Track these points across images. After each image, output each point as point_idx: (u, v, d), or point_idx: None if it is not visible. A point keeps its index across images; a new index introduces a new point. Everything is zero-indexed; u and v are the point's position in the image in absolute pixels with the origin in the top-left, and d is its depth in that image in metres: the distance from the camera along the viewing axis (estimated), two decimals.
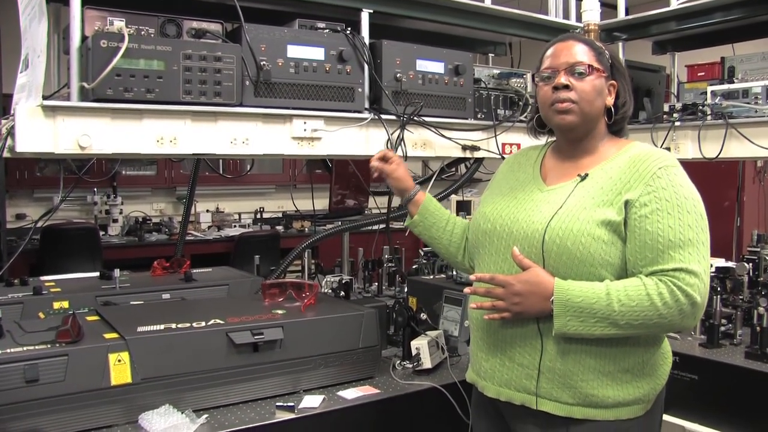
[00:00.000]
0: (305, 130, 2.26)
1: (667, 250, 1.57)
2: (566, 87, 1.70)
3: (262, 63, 2.13)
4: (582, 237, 1.60)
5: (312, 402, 1.93)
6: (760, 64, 2.92)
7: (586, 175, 1.71)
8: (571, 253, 1.61)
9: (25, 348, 1.68)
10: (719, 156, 2.72)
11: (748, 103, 2.68)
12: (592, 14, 2.99)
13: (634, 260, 1.61)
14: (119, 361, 1.75)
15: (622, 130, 1.83)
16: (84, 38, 1.92)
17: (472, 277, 1.73)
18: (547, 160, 1.87)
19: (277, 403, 1.90)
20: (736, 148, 2.70)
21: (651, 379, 1.68)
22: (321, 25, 2.32)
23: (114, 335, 1.83)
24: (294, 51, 2.21)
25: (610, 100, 1.76)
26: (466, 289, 1.74)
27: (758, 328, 2.35)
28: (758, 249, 2.87)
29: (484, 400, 1.80)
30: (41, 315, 2.20)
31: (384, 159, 2.07)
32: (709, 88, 2.83)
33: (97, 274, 2.75)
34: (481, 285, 1.69)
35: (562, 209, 1.66)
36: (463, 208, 6.69)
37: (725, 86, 2.80)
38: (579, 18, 3.05)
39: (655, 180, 1.62)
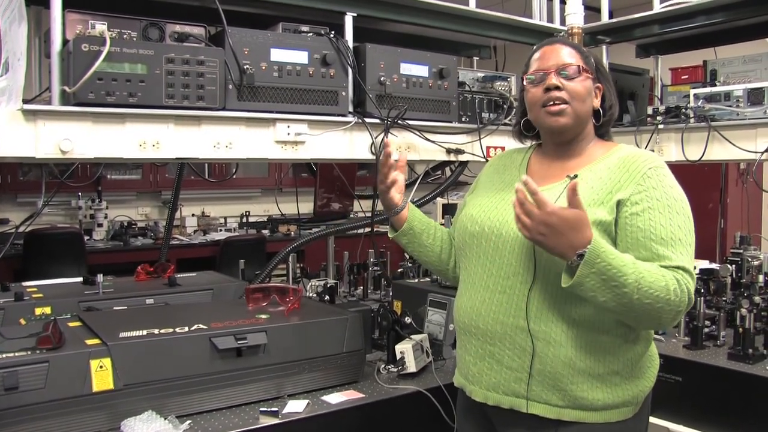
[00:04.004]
0: (289, 133, 2.25)
1: (659, 247, 1.58)
2: (557, 88, 1.71)
3: (245, 67, 2.13)
4: None
5: (296, 407, 1.92)
6: (741, 68, 2.94)
7: (575, 175, 1.70)
8: None
9: (4, 355, 1.66)
10: (702, 158, 2.74)
11: (729, 106, 2.70)
12: (576, 18, 3.01)
13: None
14: (101, 367, 1.73)
15: (608, 133, 1.85)
16: (65, 42, 1.91)
17: (523, 177, 1.53)
18: (533, 163, 1.87)
19: (261, 409, 1.89)
20: (719, 151, 2.72)
21: (639, 382, 1.69)
22: (304, 28, 2.32)
23: (96, 341, 1.81)
24: (277, 55, 2.20)
25: (597, 103, 1.78)
26: (519, 184, 1.53)
27: (741, 330, 2.37)
28: (741, 251, 2.88)
29: (472, 404, 1.79)
30: (22, 321, 2.18)
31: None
32: (692, 91, 2.85)
33: (80, 279, 2.73)
34: (525, 191, 1.51)
35: None
36: (449, 211, 6.69)
37: (707, 89, 2.82)
38: (563, 21, 3.07)
39: (646, 180, 1.64)
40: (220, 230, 7.19)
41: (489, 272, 1.72)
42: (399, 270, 3.42)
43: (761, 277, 2.65)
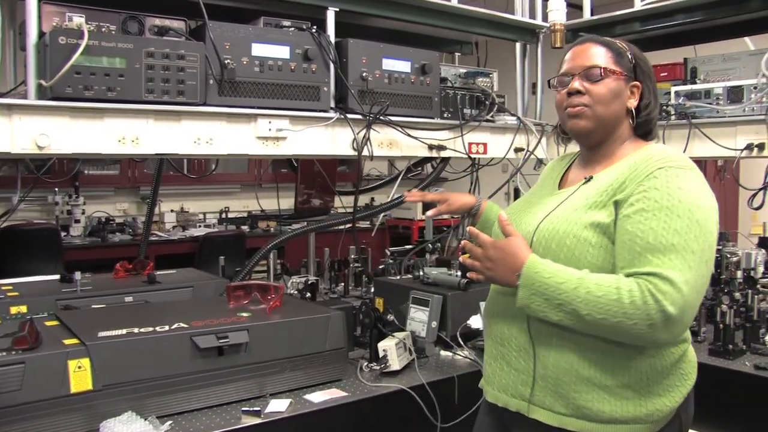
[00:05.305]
0: (270, 129, 2.23)
1: (644, 252, 1.48)
2: (579, 92, 1.66)
3: (226, 61, 2.10)
4: (567, 239, 1.57)
5: (278, 406, 1.90)
6: (721, 66, 2.96)
7: (591, 177, 1.68)
8: (555, 255, 1.57)
9: None
10: None
11: (710, 103, 2.72)
12: (558, 14, 3.02)
13: (615, 261, 1.54)
14: (79, 367, 1.70)
15: (651, 132, 1.76)
16: (41, 34, 1.87)
17: (468, 228, 1.73)
18: (573, 167, 1.84)
19: (243, 408, 1.87)
20: (699, 148, 2.73)
21: (658, 399, 1.57)
22: (286, 23, 2.30)
23: (74, 341, 1.78)
24: (259, 49, 2.18)
25: (633, 102, 1.70)
26: (463, 242, 1.73)
27: (721, 326, 2.38)
28: (720, 247, 2.90)
29: (491, 407, 1.76)
30: None
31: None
32: (673, 89, 2.87)
33: (57, 276, 2.68)
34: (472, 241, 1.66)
35: (555, 211, 1.64)
36: (430, 207, 6.70)
37: (688, 87, 2.84)
38: (545, 18, 3.07)
39: (650, 180, 1.54)
40: (199, 226, 7.13)
41: None
42: (380, 267, 3.41)
43: (740, 273, 2.67)
